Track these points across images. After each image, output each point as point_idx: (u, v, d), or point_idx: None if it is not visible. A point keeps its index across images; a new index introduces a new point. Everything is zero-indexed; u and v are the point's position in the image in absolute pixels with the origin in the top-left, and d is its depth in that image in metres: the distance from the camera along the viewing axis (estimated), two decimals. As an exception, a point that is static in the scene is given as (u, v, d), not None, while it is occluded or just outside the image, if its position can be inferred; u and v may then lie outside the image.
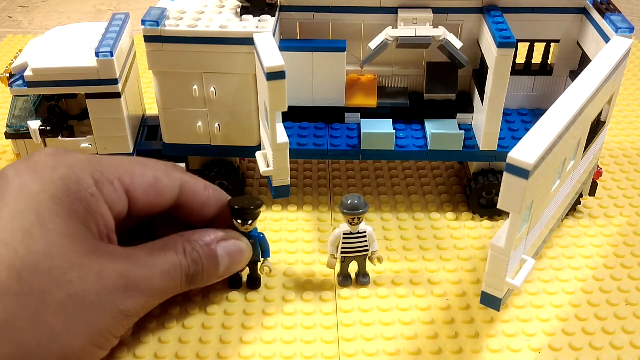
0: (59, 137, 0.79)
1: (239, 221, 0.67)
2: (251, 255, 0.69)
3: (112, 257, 0.56)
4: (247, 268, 0.71)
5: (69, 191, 0.56)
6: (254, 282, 0.72)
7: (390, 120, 0.82)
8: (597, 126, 0.74)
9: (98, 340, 0.55)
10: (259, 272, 0.72)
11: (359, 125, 0.82)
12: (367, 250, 0.71)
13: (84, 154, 0.61)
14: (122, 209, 0.61)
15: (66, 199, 0.55)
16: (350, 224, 0.69)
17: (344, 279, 0.72)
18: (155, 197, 0.63)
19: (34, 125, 0.77)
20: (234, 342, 0.65)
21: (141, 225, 0.68)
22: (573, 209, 0.83)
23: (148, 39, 0.73)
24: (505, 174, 0.53)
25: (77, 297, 0.53)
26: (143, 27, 0.73)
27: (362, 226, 0.69)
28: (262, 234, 0.70)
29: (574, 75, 0.82)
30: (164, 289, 0.60)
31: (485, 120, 0.76)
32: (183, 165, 0.81)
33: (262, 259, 0.71)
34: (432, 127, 0.80)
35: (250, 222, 0.67)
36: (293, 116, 0.82)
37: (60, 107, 0.85)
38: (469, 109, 0.83)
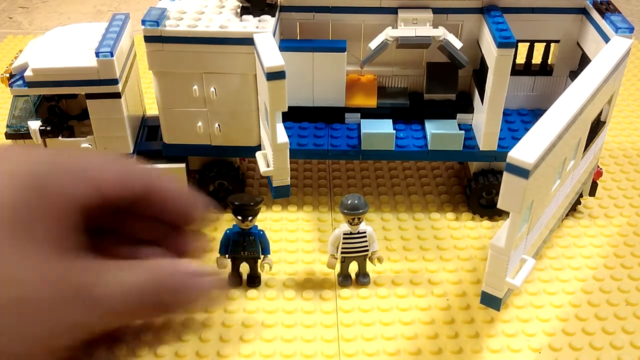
0: (59, 137, 0.79)
1: (239, 217, 0.67)
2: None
3: (75, 267, 0.55)
4: (247, 266, 0.71)
5: (35, 188, 0.55)
6: (253, 280, 0.72)
7: (390, 120, 0.82)
8: (597, 126, 0.74)
9: (47, 350, 0.54)
10: (258, 269, 0.72)
11: (359, 125, 0.82)
12: (367, 250, 0.71)
13: (51, 149, 0.60)
14: (90, 203, 0.59)
15: (33, 196, 0.54)
16: (350, 224, 0.69)
17: (344, 279, 0.72)
18: (123, 190, 0.61)
19: (34, 125, 0.77)
20: (234, 340, 0.65)
21: (109, 220, 0.66)
22: (573, 209, 0.83)
23: (148, 39, 0.73)
24: (505, 173, 0.53)
25: (29, 303, 0.52)
26: (143, 27, 0.73)
27: (362, 226, 0.69)
28: (262, 230, 0.70)
29: (574, 75, 0.82)
30: (126, 311, 0.59)
31: (485, 120, 0.76)
32: (182, 165, 0.81)
33: (262, 256, 0.71)
34: (432, 127, 0.80)
35: (250, 218, 0.67)
36: (293, 116, 0.82)
37: (60, 107, 0.85)
38: (469, 109, 0.83)
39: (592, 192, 0.82)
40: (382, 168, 0.93)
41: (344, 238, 0.70)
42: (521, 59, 0.85)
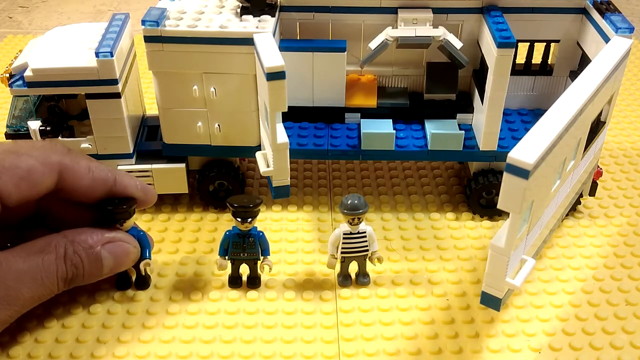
0: (59, 137, 0.79)
1: (239, 219, 0.67)
2: (138, 256, 0.68)
3: None
4: (247, 267, 0.71)
5: None
6: (253, 281, 0.72)
7: (390, 120, 0.82)
8: (597, 126, 0.74)
9: None
10: (258, 270, 0.72)
11: (359, 125, 0.82)
12: (367, 250, 0.71)
13: None
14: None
15: None
16: (350, 224, 0.69)
17: (344, 279, 0.72)
18: (28, 190, 0.60)
19: (34, 125, 0.77)
20: (234, 341, 0.65)
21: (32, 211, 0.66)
22: (573, 209, 0.83)
23: (148, 39, 0.73)
24: (505, 173, 0.53)
25: None
26: (143, 27, 0.73)
27: (362, 226, 0.69)
28: (262, 232, 0.70)
29: (574, 75, 0.82)
30: (36, 296, 0.59)
31: (485, 120, 0.76)
32: (182, 165, 0.81)
33: (261, 257, 0.71)
34: (432, 127, 0.80)
35: (249, 220, 0.67)
36: (293, 116, 0.82)
37: (60, 107, 0.85)
38: (469, 109, 0.83)
39: (592, 192, 0.82)
40: (382, 168, 0.93)
41: (344, 238, 0.70)
42: (521, 59, 0.85)
